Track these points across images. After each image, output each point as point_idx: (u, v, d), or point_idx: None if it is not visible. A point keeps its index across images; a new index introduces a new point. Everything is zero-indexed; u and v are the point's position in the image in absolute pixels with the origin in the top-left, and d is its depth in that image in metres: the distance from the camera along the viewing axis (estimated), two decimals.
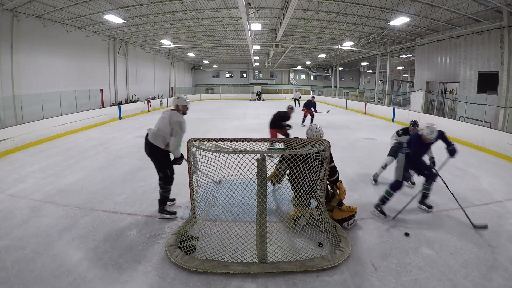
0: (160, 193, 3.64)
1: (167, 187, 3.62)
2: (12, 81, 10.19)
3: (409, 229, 3.48)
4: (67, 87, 12.80)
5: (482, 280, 2.57)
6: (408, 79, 28.97)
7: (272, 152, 2.96)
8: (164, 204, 3.67)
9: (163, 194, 3.62)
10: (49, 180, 5.14)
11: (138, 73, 20.31)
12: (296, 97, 21.39)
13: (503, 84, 10.26)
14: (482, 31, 11.09)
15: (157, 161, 3.61)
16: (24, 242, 3.09)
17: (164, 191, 3.62)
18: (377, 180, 5.09)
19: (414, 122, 4.89)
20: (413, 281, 2.55)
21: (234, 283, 2.52)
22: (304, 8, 11.72)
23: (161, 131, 3.51)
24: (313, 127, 3.79)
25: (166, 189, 3.62)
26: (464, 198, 4.47)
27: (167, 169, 3.59)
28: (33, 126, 8.30)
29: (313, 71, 33.94)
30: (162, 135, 3.50)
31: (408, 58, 22.49)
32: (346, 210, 3.52)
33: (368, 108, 17.41)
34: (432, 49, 14.89)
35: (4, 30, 9.79)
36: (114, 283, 2.51)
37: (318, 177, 3.12)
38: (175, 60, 27.84)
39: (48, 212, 3.85)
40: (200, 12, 12.40)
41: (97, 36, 15.04)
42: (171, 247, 2.95)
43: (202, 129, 11.18)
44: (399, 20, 10.95)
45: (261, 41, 18.54)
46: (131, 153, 7.22)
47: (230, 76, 35.35)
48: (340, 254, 2.86)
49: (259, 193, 2.70)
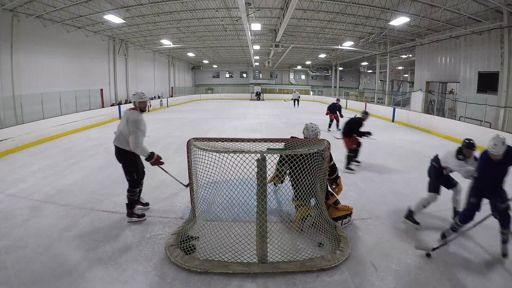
0: (127, 196, 3.52)
1: (133, 190, 3.52)
2: (12, 81, 10.19)
3: (409, 229, 3.48)
4: (67, 87, 12.80)
5: (482, 280, 2.57)
6: (408, 79, 28.97)
7: (272, 152, 2.95)
8: (132, 207, 3.57)
9: (130, 198, 3.51)
10: (49, 180, 5.14)
11: (138, 73, 20.32)
12: (294, 97, 21.16)
13: (503, 84, 10.26)
14: (482, 31, 11.08)
15: (124, 163, 3.51)
16: (24, 242, 3.09)
17: (130, 194, 3.52)
18: (415, 219, 3.59)
19: (469, 143, 3.23)
20: (413, 281, 2.55)
21: (234, 283, 2.52)
22: (304, 8, 11.72)
23: (122, 133, 3.41)
24: (309, 126, 3.72)
25: (133, 192, 3.52)
26: (464, 198, 4.46)
27: (133, 172, 3.48)
28: (33, 126, 8.30)
29: (313, 71, 33.92)
30: (125, 137, 3.41)
31: (408, 58, 22.48)
32: (342, 209, 3.54)
33: (368, 108, 17.40)
34: (432, 49, 14.89)
35: (4, 30, 9.80)
36: (114, 283, 2.50)
37: (318, 177, 3.12)
38: (175, 60, 27.84)
39: (48, 212, 3.85)
40: (200, 12, 12.40)
41: (97, 36, 15.04)
42: (171, 247, 2.94)
43: (202, 129, 11.18)
44: (399, 20, 10.96)
45: (261, 41, 18.54)
46: None
47: (230, 76, 35.34)
48: (340, 254, 2.86)
49: (259, 193, 2.70)
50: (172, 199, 4.34)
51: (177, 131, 10.63)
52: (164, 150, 7.53)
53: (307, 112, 18.08)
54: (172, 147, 7.89)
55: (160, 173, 5.56)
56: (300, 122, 12.71)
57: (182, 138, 8.91)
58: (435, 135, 10.45)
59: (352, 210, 3.60)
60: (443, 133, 10.04)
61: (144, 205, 3.92)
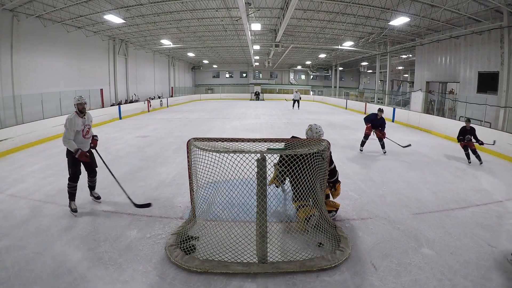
0: (67, 188, 3.90)
1: (70, 184, 3.85)
2: (12, 81, 10.19)
3: (408, 229, 3.48)
4: (67, 87, 12.80)
5: (482, 280, 2.57)
6: (408, 79, 28.96)
7: (272, 152, 2.94)
8: (71, 199, 3.89)
9: (68, 190, 3.88)
10: (49, 180, 5.14)
11: (138, 73, 20.32)
12: (295, 98, 19.59)
13: (503, 84, 10.26)
14: (482, 31, 11.08)
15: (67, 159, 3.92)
16: (24, 242, 3.09)
17: (69, 187, 3.87)
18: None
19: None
20: (413, 281, 2.55)
21: (234, 283, 2.52)
22: (304, 8, 11.72)
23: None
24: (313, 127, 3.69)
25: (71, 186, 3.86)
26: (464, 198, 4.47)
27: (69, 168, 3.85)
28: (33, 126, 8.30)
29: (313, 71, 33.91)
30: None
31: (408, 58, 22.49)
32: (329, 204, 3.62)
33: (368, 108, 17.42)
34: (432, 49, 14.89)
35: (4, 30, 9.80)
36: (114, 283, 2.50)
37: (318, 177, 3.12)
38: (175, 60, 27.84)
39: (48, 212, 3.85)
40: (200, 12, 12.40)
41: (97, 36, 15.04)
42: (171, 247, 2.94)
43: (202, 129, 11.19)
44: (399, 20, 10.95)
45: (261, 41, 18.54)
46: (131, 153, 7.23)
47: (230, 76, 35.34)
48: (340, 254, 2.86)
49: (259, 193, 2.70)
50: (172, 199, 4.34)
51: (177, 131, 10.63)
52: (164, 150, 7.53)
53: (307, 112, 18.08)
54: (172, 147, 7.89)
55: (160, 173, 5.61)
56: (300, 122, 12.72)
57: (182, 138, 8.91)
58: (435, 135, 10.45)
59: (339, 207, 3.70)
60: (443, 133, 10.04)
61: (95, 198, 4.24)
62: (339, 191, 3.69)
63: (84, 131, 3.90)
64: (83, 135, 3.90)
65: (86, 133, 3.95)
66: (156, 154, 7.11)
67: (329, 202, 3.63)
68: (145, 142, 8.52)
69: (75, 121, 3.78)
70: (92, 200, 4.24)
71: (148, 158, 6.74)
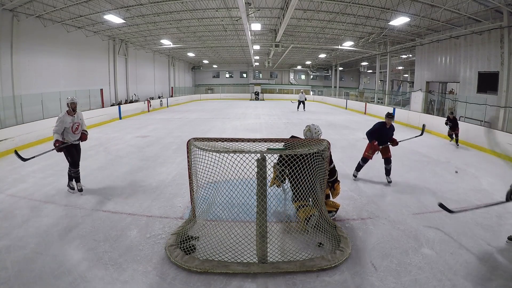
0: (68, 172, 4.56)
1: (72, 169, 4.52)
2: (12, 81, 10.18)
3: (408, 229, 3.48)
4: (67, 87, 12.80)
5: (482, 280, 2.57)
6: (408, 79, 28.97)
7: (272, 152, 2.94)
8: (70, 180, 4.60)
9: (69, 173, 4.55)
10: (49, 180, 5.14)
11: (138, 73, 20.31)
12: (300, 99, 18.05)
13: (503, 84, 10.25)
14: (482, 31, 11.08)
15: None
16: (24, 242, 3.09)
17: (71, 172, 4.54)
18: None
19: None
20: (413, 281, 2.55)
21: (234, 283, 2.52)
22: (304, 8, 11.72)
23: None
24: (312, 128, 3.70)
25: (72, 171, 4.53)
26: (464, 199, 4.48)
27: (67, 156, 4.49)
28: (33, 126, 8.30)
29: (313, 71, 33.91)
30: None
31: (408, 58, 22.48)
32: (329, 204, 3.61)
33: (368, 108, 17.43)
34: (432, 49, 14.88)
35: (4, 30, 9.79)
36: (114, 283, 2.50)
37: (318, 177, 3.12)
38: (175, 60, 27.83)
39: (48, 212, 3.85)
40: (200, 12, 12.40)
41: (97, 36, 15.03)
42: (171, 247, 2.94)
43: (202, 129, 11.19)
44: (399, 20, 10.95)
45: (261, 41, 18.54)
46: (131, 153, 7.22)
47: (230, 76, 35.33)
48: (340, 254, 2.86)
49: (259, 193, 2.70)
50: (172, 199, 4.34)
51: (177, 131, 10.63)
52: (164, 150, 7.53)
53: (307, 112, 18.07)
54: (172, 147, 7.89)
55: (160, 173, 5.61)
56: (300, 122, 12.73)
57: (182, 138, 8.91)
58: (435, 135, 10.45)
59: (339, 207, 3.69)
60: (443, 133, 10.03)
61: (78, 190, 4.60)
62: (338, 190, 3.69)
63: (73, 128, 4.44)
64: (73, 131, 4.44)
65: (76, 129, 4.49)
66: (156, 154, 7.11)
67: (329, 202, 3.63)
68: (145, 142, 8.52)
69: (64, 119, 4.34)
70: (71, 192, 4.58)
71: (148, 158, 6.74)
